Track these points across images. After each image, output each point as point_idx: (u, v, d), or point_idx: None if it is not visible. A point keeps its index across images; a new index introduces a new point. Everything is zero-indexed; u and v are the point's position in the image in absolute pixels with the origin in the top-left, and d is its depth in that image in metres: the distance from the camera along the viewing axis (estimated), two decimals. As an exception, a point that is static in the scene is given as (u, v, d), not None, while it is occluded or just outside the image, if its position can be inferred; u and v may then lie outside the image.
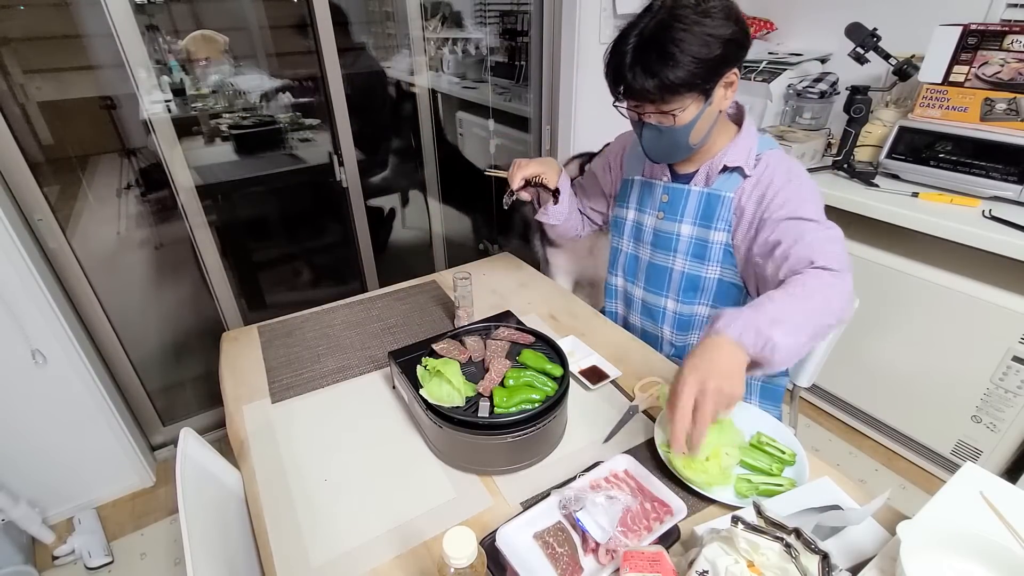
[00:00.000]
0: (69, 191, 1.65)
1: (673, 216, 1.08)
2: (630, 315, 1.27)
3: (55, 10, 1.48)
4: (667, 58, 0.84)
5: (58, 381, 1.47)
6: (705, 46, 0.84)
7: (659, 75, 0.85)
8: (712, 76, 0.87)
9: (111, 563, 1.52)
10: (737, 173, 1.00)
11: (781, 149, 1.01)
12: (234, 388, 1.05)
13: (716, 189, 1.02)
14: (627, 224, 1.19)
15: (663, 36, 0.84)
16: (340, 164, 1.79)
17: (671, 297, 1.14)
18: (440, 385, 0.84)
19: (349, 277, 2.11)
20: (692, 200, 1.05)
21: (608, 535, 0.68)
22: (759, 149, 0.99)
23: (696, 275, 1.09)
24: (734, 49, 0.87)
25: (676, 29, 0.83)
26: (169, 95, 1.60)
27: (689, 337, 1.16)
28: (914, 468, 1.76)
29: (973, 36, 1.46)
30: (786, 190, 0.94)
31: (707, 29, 0.83)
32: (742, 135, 1.00)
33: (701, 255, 1.07)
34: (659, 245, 1.12)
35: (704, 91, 0.88)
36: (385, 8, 2.23)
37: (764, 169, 0.98)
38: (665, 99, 0.88)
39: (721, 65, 0.87)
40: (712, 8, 0.85)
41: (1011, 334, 1.41)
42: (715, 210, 1.03)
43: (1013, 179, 1.43)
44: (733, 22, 0.86)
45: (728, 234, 1.02)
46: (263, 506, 0.80)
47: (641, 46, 0.86)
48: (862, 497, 0.77)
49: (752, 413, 0.93)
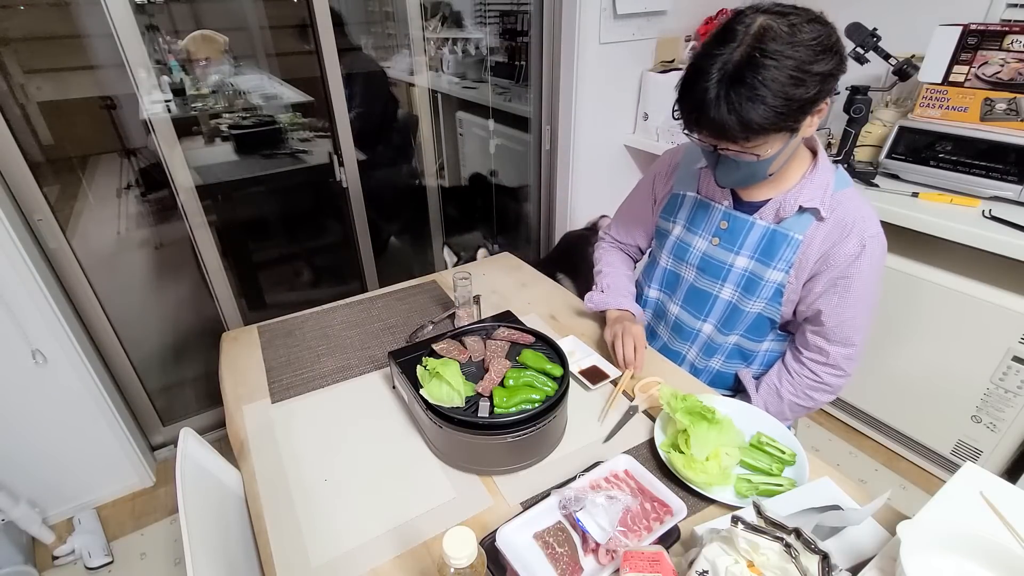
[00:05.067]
0: (69, 191, 1.65)
1: (730, 246, 1.01)
2: (659, 327, 1.22)
3: (55, 10, 1.48)
4: (756, 100, 0.74)
5: (58, 381, 1.47)
6: (798, 84, 0.74)
7: (746, 116, 0.76)
8: (803, 114, 0.79)
9: (111, 563, 1.52)
10: (810, 214, 0.93)
11: (854, 187, 0.95)
12: (234, 388, 1.05)
13: (785, 228, 0.94)
14: (670, 239, 1.12)
15: (751, 73, 0.74)
16: (340, 164, 1.79)
17: (710, 323, 1.09)
18: (440, 385, 0.84)
19: (349, 277, 2.11)
20: (755, 234, 0.98)
21: (608, 535, 0.68)
22: (835, 186, 0.92)
23: (741, 308, 1.04)
24: (830, 84, 0.78)
25: (766, 66, 0.73)
26: (169, 95, 1.60)
27: (711, 362, 1.13)
28: (914, 468, 1.76)
29: (973, 36, 1.46)
30: (849, 269, 0.91)
31: (802, 65, 0.74)
32: (819, 169, 0.92)
33: (751, 290, 1.01)
34: (708, 271, 1.06)
35: (792, 129, 0.81)
36: (385, 8, 2.24)
37: (840, 219, 0.91)
38: (749, 139, 0.80)
39: (813, 103, 0.78)
40: (809, 39, 0.74)
41: (1011, 334, 1.41)
42: (779, 250, 0.96)
43: (1013, 179, 1.43)
44: (831, 51, 0.76)
45: (786, 275, 0.96)
46: (263, 506, 0.80)
47: (725, 82, 0.76)
48: (862, 497, 0.77)
49: (752, 413, 0.93)
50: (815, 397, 1.03)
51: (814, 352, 1.01)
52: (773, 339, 1.09)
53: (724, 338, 1.09)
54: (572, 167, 2.10)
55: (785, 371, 1.05)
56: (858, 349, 0.99)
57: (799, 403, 1.04)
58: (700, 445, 0.80)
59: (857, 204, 0.92)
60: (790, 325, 1.08)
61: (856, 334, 0.97)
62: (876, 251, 0.91)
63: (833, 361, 0.99)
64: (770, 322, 1.05)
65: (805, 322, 1.02)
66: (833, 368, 1.00)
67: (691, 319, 1.12)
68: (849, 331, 0.96)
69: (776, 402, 1.06)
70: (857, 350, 0.99)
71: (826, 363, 1.00)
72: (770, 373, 1.08)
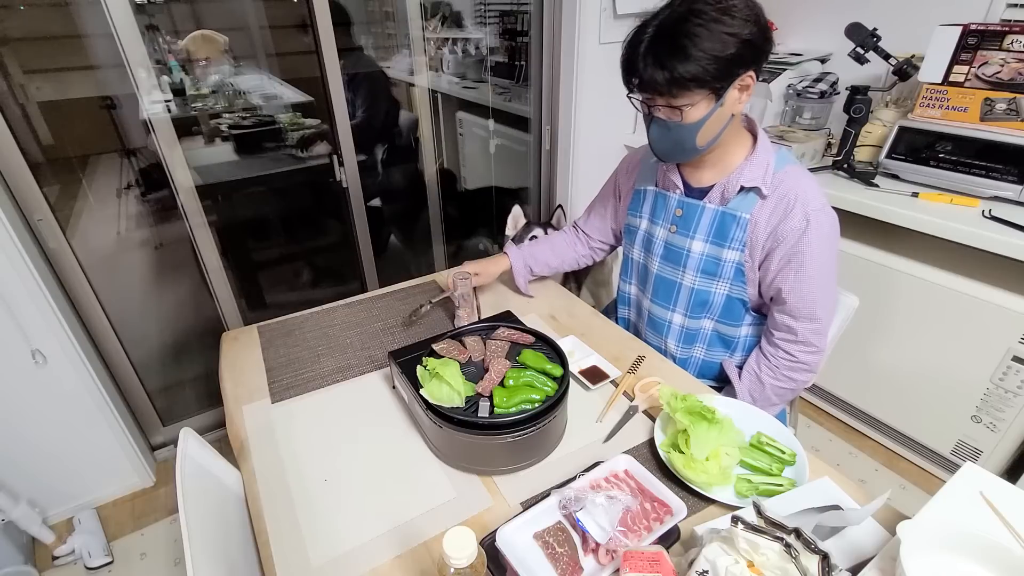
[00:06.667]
0: (69, 191, 1.65)
1: (686, 232, 1.07)
2: (639, 324, 1.26)
3: (55, 10, 1.48)
4: (679, 51, 0.83)
5: (58, 381, 1.47)
6: (720, 43, 0.83)
7: (669, 67, 0.84)
8: (725, 76, 0.86)
9: (111, 563, 1.52)
10: (754, 193, 0.98)
11: (798, 164, 1.00)
12: (234, 388, 1.05)
13: (732, 209, 1.00)
14: (639, 233, 1.17)
15: (678, 29, 0.84)
16: (340, 164, 1.79)
17: (678, 312, 1.13)
18: (440, 385, 0.84)
19: (349, 277, 2.11)
20: (706, 217, 1.03)
21: (608, 535, 0.68)
22: (776, 166, 0.97)
23: (706, 291, 1.08)
24: (751, 51, 0.86)
25: (692, 24, 0.83)
26: (169, 95, 1.60)
27: (693, 350, 1.15)
28: (914, 468, 1.76)
29: (973, 36, 1.46)
30: (799, 245, 0.95)
31: (724, 27, 0.83)
32: (758, 150, 0.98)
33: (712, 272, 1.06)
34: (669, 259, 1.11)
35: (715, 90, 0.87)
36: (385, 8, 2.24)
37: (782, 196, 0.96)
38: (674, 93, 0.87)
39: (735, 65, 0.86)
40: (733, 7, 0.84)
41: (1011, 334, 1.41)
42: (729, 230, 1.01)
43: (1013, 179, 1.43)
44: (753, 23, 0.85)
45: (741, 253, 1.01)
46: (263, 506, 0.80)
47: (656, 37, 0.86)
48: (862, 497, 0.77)
49: (752, 413, 0.93)
50: (794, 377, 1.05)
51: (784, 332, 1.04)
52: (750, 323, 1.11)
53: (698, 323, 1.12)
54: (572, 167, 2.10)
55: (762, 356, 1.08)
56: (824, 322, 1.02)
57: (780, 386, 1.06)
58: (700, 445, 0.80)
59: (798, 180, 0.96)
60: (763, 308, 1.10)
61: (819, 308, 1.00)
62: (823, 224, 0.95)
63: (803, 338, 1.02)
64: (742, 304, 1.07)
65: (771, 303, 1.05)
66: (804, 345, 1.03)
67: (661, 311, 1.16)
68: (811, 306, 0.99)
69: (759, 388, 1.07)
70: (823, 324, 1.02)
71: (796, 340, 1.02)
72: (749, 360, 1.10)
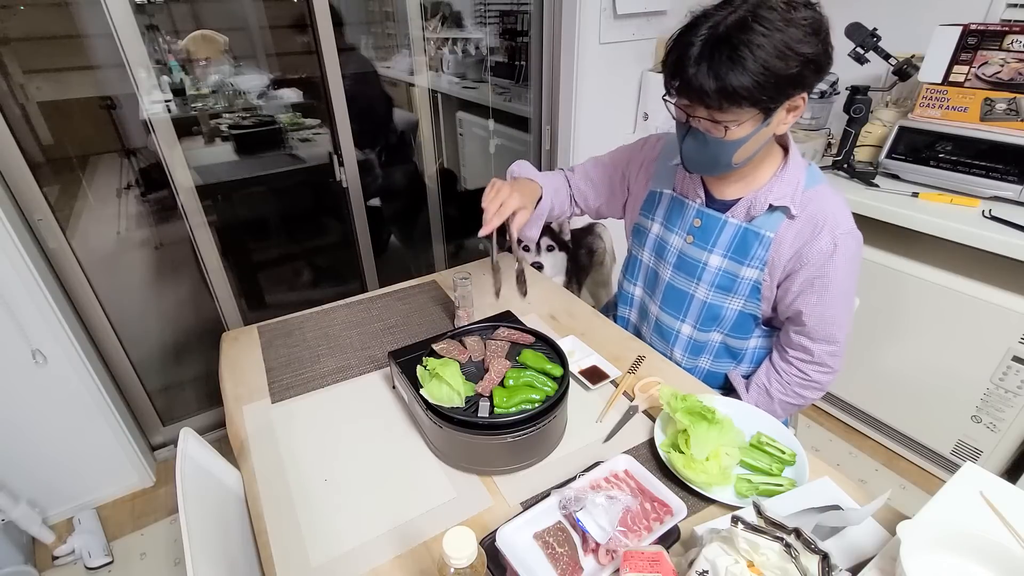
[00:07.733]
0: (69, 191, 1.65)
1: (703, 244, 1.01)
2: (643, 326, 1.22)
3: (55, 10, 1.49)
4: (736, 60, 0.75)
5: (58, 381, 1.47)
6: (782, 59, 0.75)
7: (723, 78, 0.76)
8: (778, 95, 0.79)
9: (111, 563, 1.52)
10: (781, 211, 0.93)
11: (827, 184, 0.95)
12: (234, 388, 1.05)
13: (756, 226, 0.95)
14: (650, 236, 1.12)
15: (739, 36, 0.75)
16: (340, 164, 1.79)
17: (688, 323, 1.09)
18: (440, 385, 0.84)
19: (349, 277, 2.11)
20: (727, 232, 0.98)
21: (608, 535, 0.68)
22: (807, 183, 0.92)
23: (719, 306, 1.03)
24: (811, 71, 0.78)
25: (756, 31, 0.74)
26: (169, 95, 1.60)
27: (699, 361, 1.13)
28: (914, 468, 1.76)
29: (973, 36, 1.46)
30: (825, 268, 0.91)
31: (789, 41, 0.75)
32: (789, 166, 0.93)
33: (728, 288, 1.01)
34: (683, 269, 1.06)
35: (765, 109, 0.80)
36: (385, 8, 2.24)
37: (811, 217, 0.91)
38: (722, 106, 0.79)
39: (792, 85, 0.79)
40: (801, 19, 0.76)
41: (1011, 334, 1.41)
42: (751, 247, 0.96)
43: (1013, 179, 1.43)
44: (820, 40, 0.77)
45: (761, 272, 0.97)
46: (263, 506, 0.80)
47: (712, 41, 0.76)
48: (862, 497, 0.77)
49: (752, 413, 0.93)
50: (804, 395, 1.05)
51: (799, 351, 1.02)
52: (759, 336, 1.10)
53: (707, 336, 1.09)
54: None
55: (773, 370, 1.06)
56: (841, 345, 1.00)
57: (789, 401, 1.05)
58: (700, 445, 0.80)
59: (828, 201, 0.92)
60: (774, 321, 1.08)
61: (838, 331, 0.98)
62: (850, 247, 0.91)
63: (819, 359, 1.01)
64: (753, 319, 1.05)
65: (788, 322, 1.03)
66: (819, 366, 1.01)
67: (670, 320, 1.12)
68: (831, 328, 0.98)
69: (767, 402, 1.07)
70: (841, 346, 1.00)
71: (812, 361, 1.01)
72: (758, 373, 1.09)
